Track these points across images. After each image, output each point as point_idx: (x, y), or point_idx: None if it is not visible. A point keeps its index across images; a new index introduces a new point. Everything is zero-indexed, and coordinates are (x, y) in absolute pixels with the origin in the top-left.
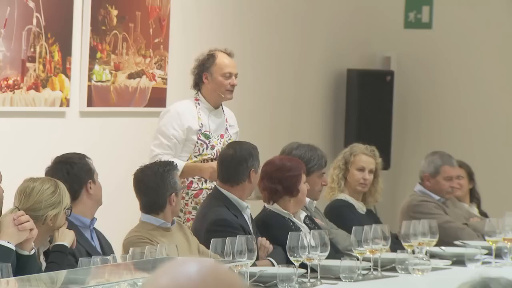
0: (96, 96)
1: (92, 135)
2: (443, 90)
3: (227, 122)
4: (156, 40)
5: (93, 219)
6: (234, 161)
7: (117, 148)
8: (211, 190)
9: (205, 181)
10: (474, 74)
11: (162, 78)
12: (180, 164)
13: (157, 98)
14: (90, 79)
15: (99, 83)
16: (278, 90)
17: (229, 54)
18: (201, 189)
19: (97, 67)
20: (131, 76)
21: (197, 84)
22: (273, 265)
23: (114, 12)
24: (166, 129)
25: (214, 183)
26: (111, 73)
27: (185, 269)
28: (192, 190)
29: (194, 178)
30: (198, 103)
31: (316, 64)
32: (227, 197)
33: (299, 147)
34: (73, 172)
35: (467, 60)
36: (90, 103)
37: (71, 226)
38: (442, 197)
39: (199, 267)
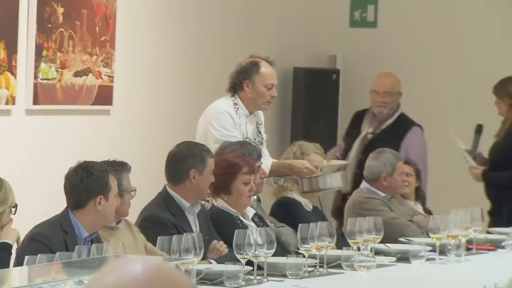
0: (42, 94)
1: (38, 133)
2: None
3: (257, 123)
4: (103, 38)
5: (92, 234)
6: (175, 159)
7: (63, 146)
8: None
9: None
10: (418, 72)
11: (109, 76)
12: (266, 164)
13: (104, 96)
14: (36, 77)
15: (45, 81)
16: (223, 88)
17: (271, 63)
18: None
19: (43, 65)
20: (77, 74)
21: (234, 88)
22: None
23: (60, 10)
24: (224, 127)
25: None
26: (57, 71)
27: (130, 268)
28: None
29: None
30: (237, 108)
31: None
32: (170, 195)
33: (229, 145)
34: (86, 181)
35: (411, 59)
36: (36, 101)
37: (70, 229)
38: (396, 193)
39: (144, 266)
